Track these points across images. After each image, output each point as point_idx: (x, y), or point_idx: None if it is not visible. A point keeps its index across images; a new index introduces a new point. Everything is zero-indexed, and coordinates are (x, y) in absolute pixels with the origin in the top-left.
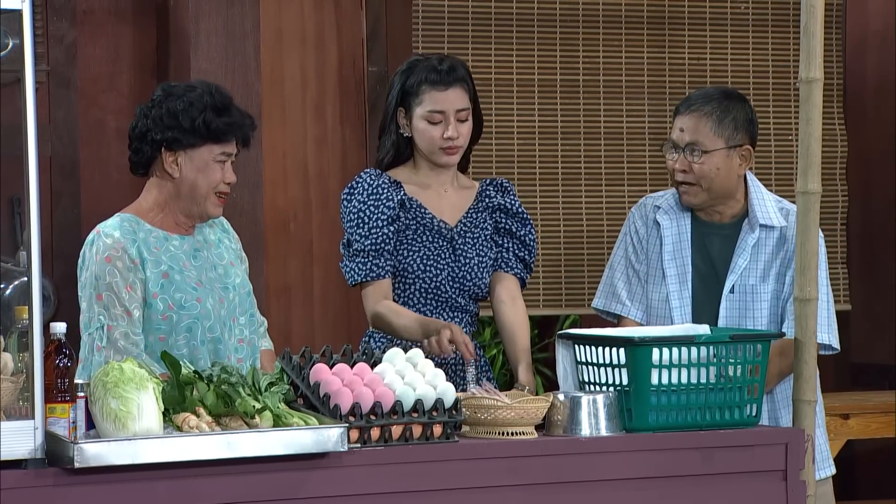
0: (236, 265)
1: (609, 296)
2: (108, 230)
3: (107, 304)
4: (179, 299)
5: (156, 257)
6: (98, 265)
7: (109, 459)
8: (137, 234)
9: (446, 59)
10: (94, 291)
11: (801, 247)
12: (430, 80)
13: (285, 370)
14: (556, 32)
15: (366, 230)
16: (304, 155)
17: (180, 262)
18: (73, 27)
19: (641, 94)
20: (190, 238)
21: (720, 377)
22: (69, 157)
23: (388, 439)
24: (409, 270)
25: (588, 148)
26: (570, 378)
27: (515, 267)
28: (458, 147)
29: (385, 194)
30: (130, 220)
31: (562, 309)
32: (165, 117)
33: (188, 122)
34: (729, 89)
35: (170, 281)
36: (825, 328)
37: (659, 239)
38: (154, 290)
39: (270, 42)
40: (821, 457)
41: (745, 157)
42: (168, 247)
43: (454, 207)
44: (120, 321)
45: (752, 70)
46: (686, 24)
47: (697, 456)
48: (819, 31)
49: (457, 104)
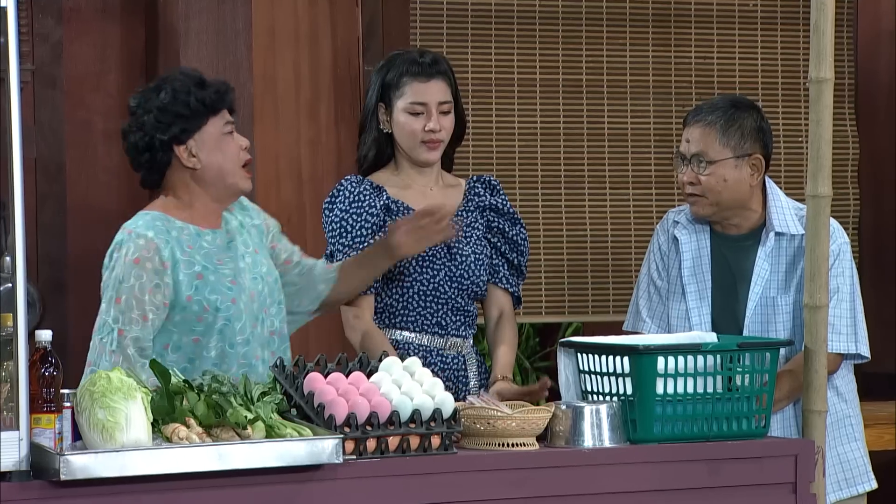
0: (260, 252)
1: (633, 315)
2: (140, 230)
3: (124, 307)
4: (215, 301)
5: (189, 257)
6: (125, 266)
7: (96, 472)
8: (170, 233)
9: (427, 53)
10: (115, 294)
11: (811, 252)
12: (411, 72)
13: (278, 379)
14: (559, 30)
15: (349, 240)
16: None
17: (214, 260)
18: (60, 25)
19: (646, 95)
20: (220, 232)
21: (728, 387)
22: (55, 159)
23: (384, 451)
24: (406, 273)
25: (591, 150)
26: (572, 387)
27: (508, 281)
28: (440, 141)
29: (367, 201)
30: (161, 218)
31: (564, 316)
32: (160, 116)
33: (184, 107)
34: (738, 98)
35: (204, 282)
36: (852, 336)
37: (678, 255)
38: (188, 293)
39: (263, 40)
40: (858, 471)
41: (756, 167)
42: (201, 243)
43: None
44: (133, 326)
45: (761, 69)
46: (693, 22)
47: (704, 468)
48: (830, 29)
49: (438, 96)
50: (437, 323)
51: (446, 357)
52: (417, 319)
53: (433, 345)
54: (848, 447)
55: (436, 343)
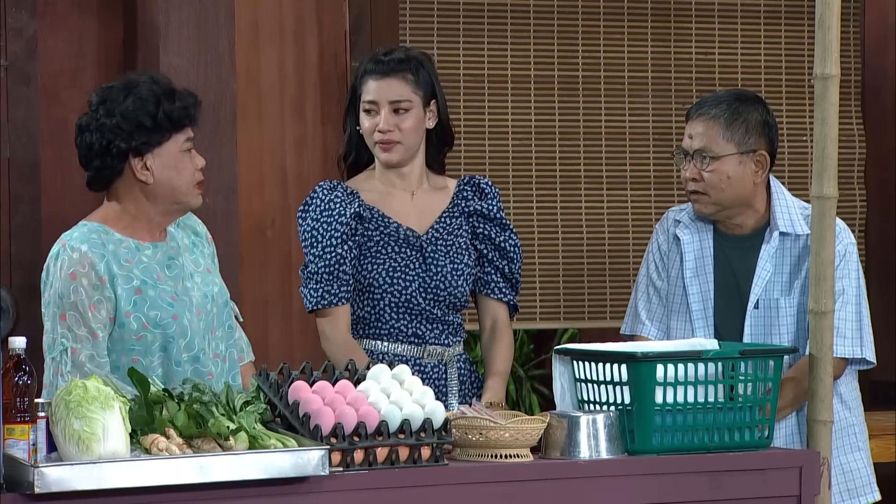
0: (213, 271)
1: (632, 318)
2: (74, 243)
3: (70, 324)
4: (154, 317)
5: (127, 272)
6: (63, 282)
7: (72, 484)
8: (107, 247)
9: (398, 51)
10: (58, 311)
11: (816, 255)
12: (368, 69)
13: (262, 388)
14: (554, 25)
15: (319, 250)
16: (283, 157)
17: (154, 275)
18: (34, 19)
19: (645, 92)
20: (163, 245)
21: (730, 396)
22: (28, 158)
23: (372, 462)
24: (376, 284)
25: (588, 149)
26: (567, 396)
27: (501, 291)
28: (393, 142)
29: (338, 209)
30: (98, 231)
31: (560, 322)
32: (123, 123)
33: (149, 119)
34: (742, 91)
35: (143, 297)
36: (857, 340)
37: (680, 255)
38: (126, 309)
39: (246, 35)
40: (862, 482)
41: (761, 164)
42: (140, 258)
43: (424, 212)
44: (85, 343)
45: (764, 66)
46: (693, 17)
47: (705, 481)
48: (835, 24)
49: (391, 94)
50: (412, 333)
51: (425, 366)
52: (391, 331)
53: (410, 354)
54: (852, 457)
55: (412, 352)
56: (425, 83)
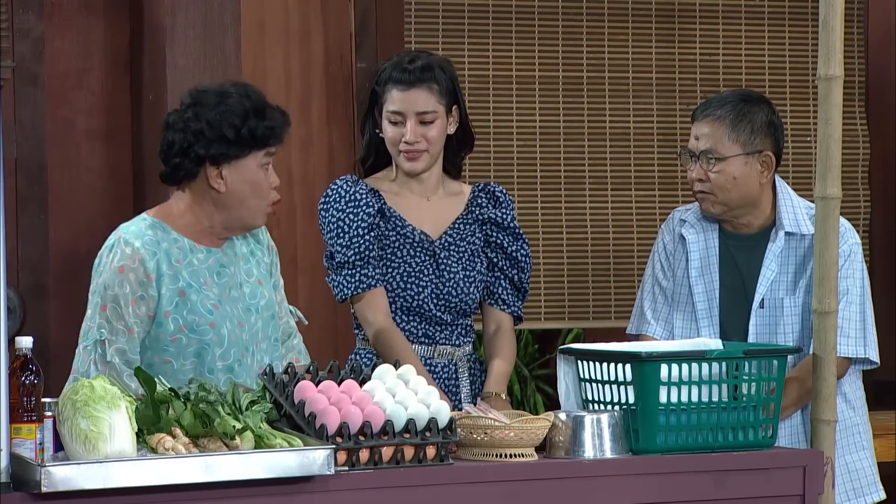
0: (265, 283)
1: (638, 317)
2: (129, 237)
3: (110, 316)
4: (192, 322)
5: (175, 272)
6: (111, 274)
7: (79, 483)
8: (160, 245)
9: (421, 57)
10: (101, 301)
11: (820, 255)
12: (394, 78)
13: (268, 388)
14: (559, 26)
15: (347, 240)
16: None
17: (201, 279)
18: (41, 20)
19: (650, 92)
20: (217, 252)
21: (734, 395)
22: (36, 159)
23: (377, 462)
24: (389, 288)
25: (592, 150)
26: (572, 396)
27: (506, 303)
28: (419, 151)
29: (364, 200)
30: (156, 227)
31: (564, 322)
32: (207, 130)
33: (232, 132)
34: (748, 92)
35: (185, 300)
36: (861, 340)
37: (685, 255)
38: (167, 309)
39: (252, 36)
40: (866, 481)
41: (767, 164)
42: (192, 260)
43: (438, 218)
44: (120, 337)
45: (768, 66)
46: (697, 18)
47: (709, 480)
48: (839, 25)
49: (418, 106)
50: (423, 334)
51: (436, 366)
52: (403, 332)
53: (420, 353)
54: (856, 456)
55: (423, 352)
56: (448, 91)
